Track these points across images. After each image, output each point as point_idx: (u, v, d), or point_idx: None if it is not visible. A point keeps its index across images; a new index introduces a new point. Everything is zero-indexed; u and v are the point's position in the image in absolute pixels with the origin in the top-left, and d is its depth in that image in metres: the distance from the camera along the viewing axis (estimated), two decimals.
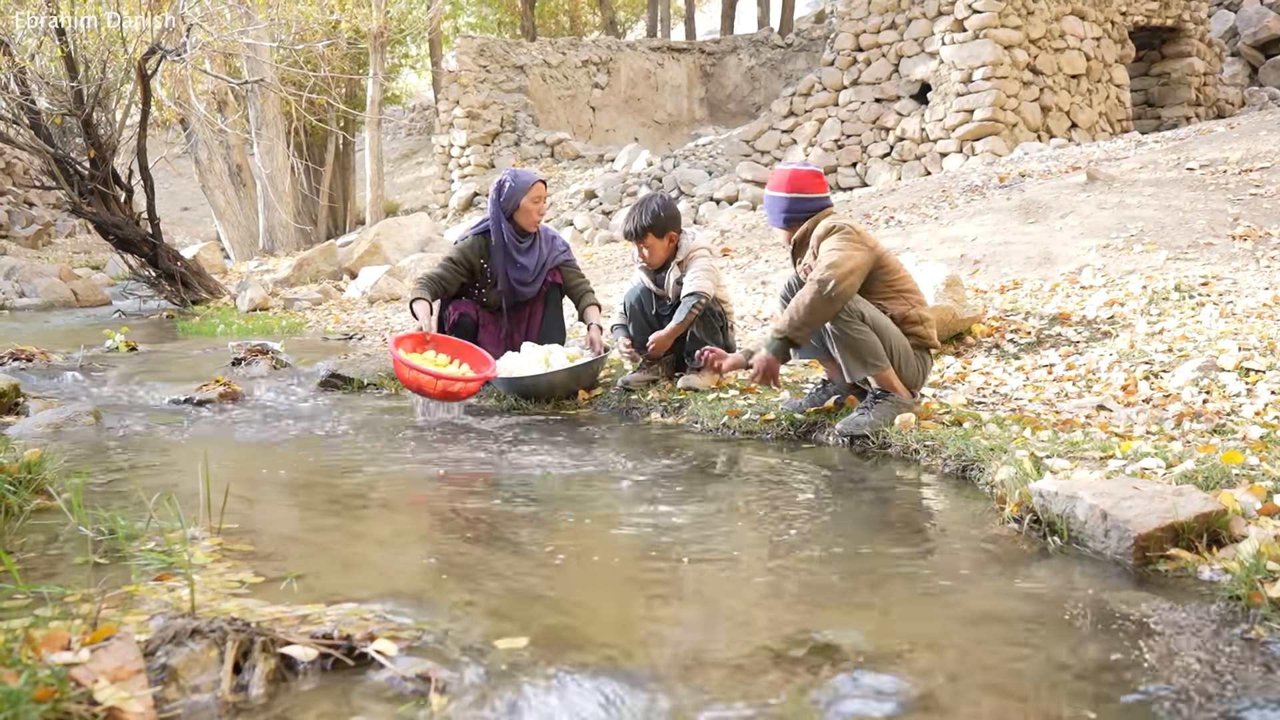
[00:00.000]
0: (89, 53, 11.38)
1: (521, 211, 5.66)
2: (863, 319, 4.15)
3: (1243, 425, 3.79)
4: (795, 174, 4.40)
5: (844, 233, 4.20)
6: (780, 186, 4.43)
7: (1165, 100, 17.07)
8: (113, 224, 11.39)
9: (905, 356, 4.28)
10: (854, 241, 4.17)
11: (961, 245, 8.18)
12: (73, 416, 4.88)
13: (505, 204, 5.68)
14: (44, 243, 23.01)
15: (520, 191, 5.64)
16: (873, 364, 4.18)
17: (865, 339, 4.14)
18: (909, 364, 4.31)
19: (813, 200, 4.40)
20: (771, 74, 23.51)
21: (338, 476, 3.87)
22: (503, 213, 5.69)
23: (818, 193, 4.41)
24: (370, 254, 14.03)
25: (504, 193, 5.68)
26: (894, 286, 4.33)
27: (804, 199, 4.39)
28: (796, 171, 4.41)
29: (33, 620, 2.00)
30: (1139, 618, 2.28)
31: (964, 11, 13.97)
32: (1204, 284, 6.25)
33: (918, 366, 4.36)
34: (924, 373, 4.42)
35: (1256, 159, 9.58)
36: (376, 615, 2.23)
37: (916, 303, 4.36)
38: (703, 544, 2.93)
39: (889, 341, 4.22)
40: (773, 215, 4.50)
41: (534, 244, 5.79)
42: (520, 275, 5.74)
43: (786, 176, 4.42)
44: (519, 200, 5.65)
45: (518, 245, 5.72)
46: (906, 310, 4.32)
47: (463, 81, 20.44)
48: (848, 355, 4.19)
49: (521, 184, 5.65)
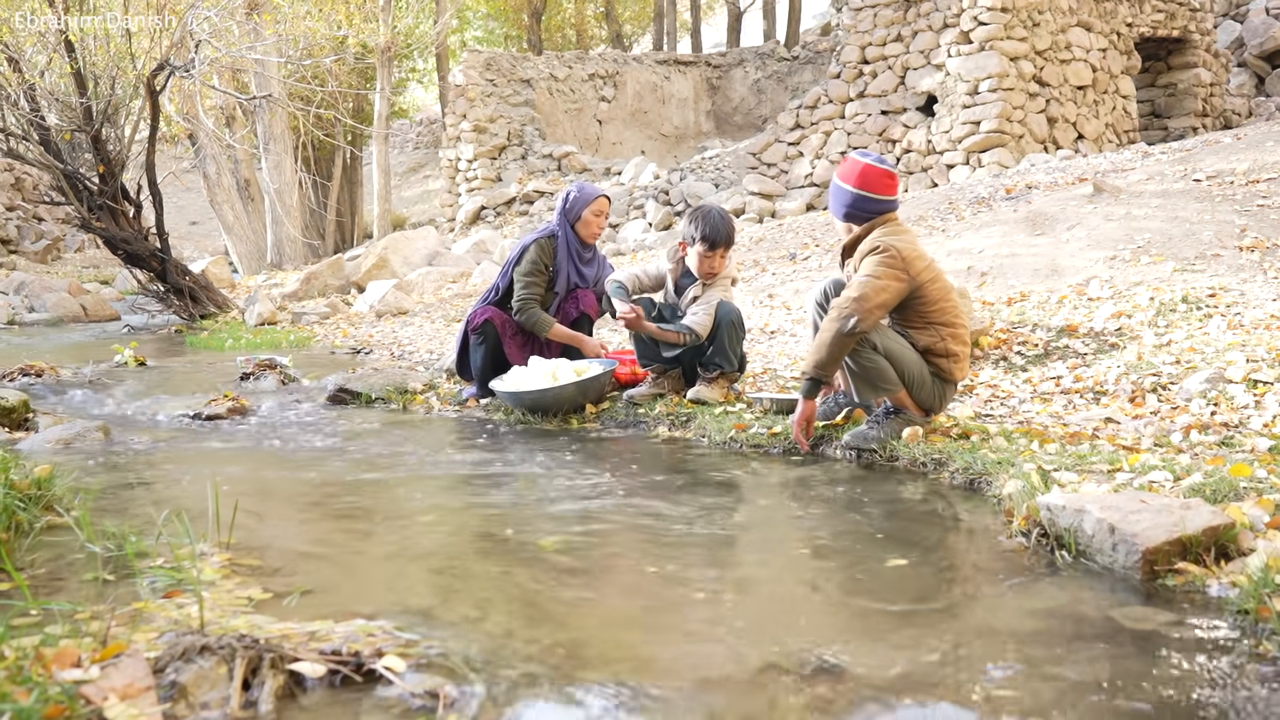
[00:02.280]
0: (98, 69, 11.44)
1: (583, 223, 5.78)
2: (874, 348, 4.08)
3: (1251, 437, 3.79)
4: (868, 170, 4.20)
5: (888, 256, 4.06)
6: (849, 179, 4.24)
7: (1172, 111, 17.06)
8: (121, 239, 11.44)
9: (921, 383, 4.19)
10: (894, 270, 4.05)
11: (969, 257, 8.18)
12: (82, 432, 4.90)
13: (569, 213, 5.81)
14: (53, 258, 23.11)
15: (583, 203, 5.76)
16: (883, 388, 4.16)
17: (875, 366, 4.11)
18: (924, 389, 4.21)
19: (880, 202, 4.21)
20: (778, 87, 23.56)
21: (345, 491, 3.88)
22: (566, 220, 5.82)
23: (886, 195, 4.21)
24: (378, 268, 14.06)
25: (568, 202, 5.81)
26: (926, 318, 4.19)
27: (871, 199, 4.20)
28: (870, 167, 4.20)
29: (43, 638, 2.01)
30: (1147, 633, 2.28)
31: (970, 24, 13.99)
32: (1211, 295, 6.24)
33: (934, 392, 4.25)
34: (942, 399, 4.30)
35: (1263, 170, 9.57)
36: (385, 631, 2.23)
37: (949, 336, 4.20)
38: (710, 560, 2.93)
39: (904, 370, 4.15)
40: (836, 205, 4.32)
41: (594, 258, 5.96)
42: (579, 281, 5.88)
43: (859, 170, 4.22)
44: (581, 211, 5.76)
45: (581, 255, 5.87)
46: (934, 343, 4.19)
47: (469, 95, 20.50)
48: (858, 380, 4.17)
49: (586, 196, 5.78)
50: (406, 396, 6.11)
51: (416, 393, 6.18)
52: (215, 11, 12.21)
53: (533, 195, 19.34)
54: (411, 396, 6.12)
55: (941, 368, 4.21)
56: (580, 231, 5.79)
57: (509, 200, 19.70)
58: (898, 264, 4.06)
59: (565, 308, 5.86)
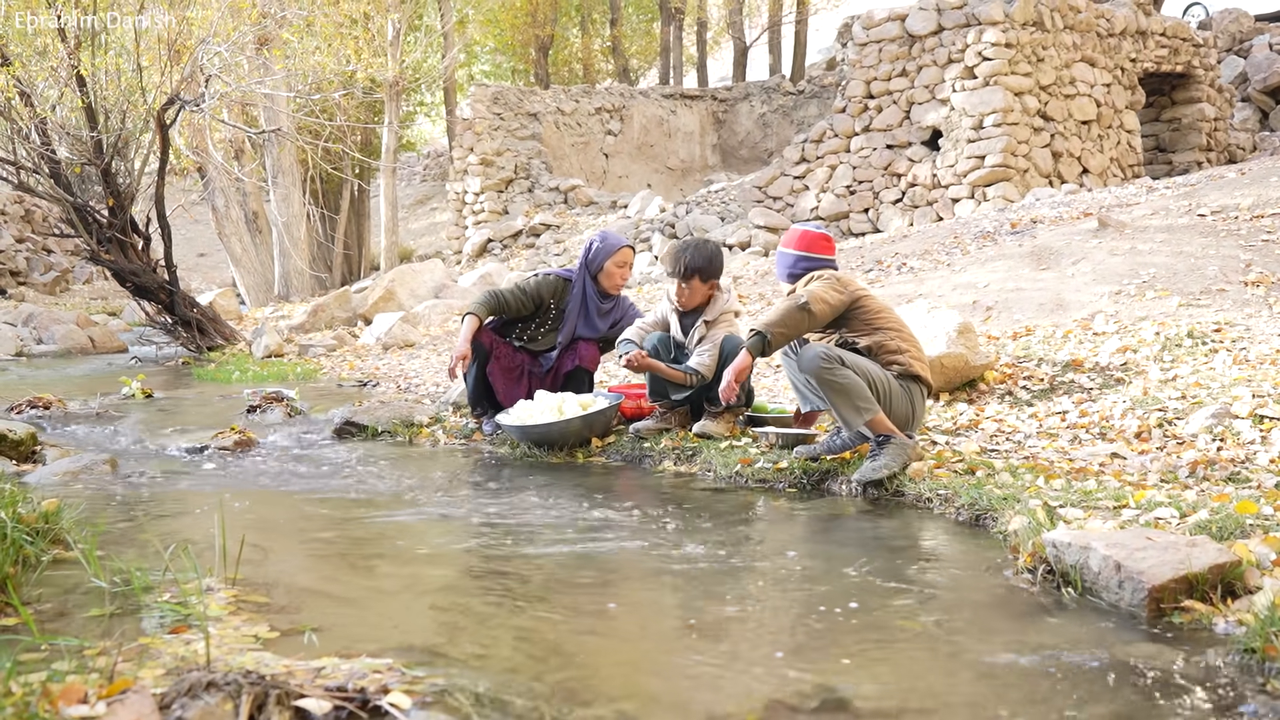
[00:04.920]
0: (109, 103, 11.53)
1: (605, 274, 5.76)
2: (842, 362, 4.25)
3: (1257, 473, 3.78)
4: (806, 234, 4.75)
5: (827, 278, 4.52)
6: (792, 244, 4.76)
7: (1176, 146, 17.11)
8: (130, 271, 11.49)
9: (889, 391, 4.36)
10: (833, 285, 4.47)
11: (974, 291, 8.20)
12: (89, 465, 4.91)
13: (590, 265, 5.78)
14: (61, 289, 23.20)
15: (606, 254, 5.73)
16: (864, 408, 4.23)
17: (850, 382, 4.22)
18: (896, 399, 4.37)
19: (818, 260, 4.70)
20: (783, 121, 23.68)
21: (351, 525, 3.88)
22: (588, 272, 5.79)
23: (825, 254, 4.73)
24: (385, 300, 14.10)
25: (590, 253, 5.79)
26: (871, 324, 4.51)
27: (811, 258, 4.70)
28: (808, 232, 4.75)
29: (50, 673, 2.02)
30: (1154, 671, 2.27)
31: (974, 59, 14.07)
32: (1217, 330, 6.24)
33: (906, 400, 4.41)
34: (915, 409, 4.46)
35: (1268, 205, 9.59)
36: (390, 667, 2.23)
37: (896, 336, 4.51)
38: (715, 595, 2.93)
39: (872, 380, 4.31)
40: (780, 269, 4.81)
41: (613, 308, 5.89)
42: (588, 333, 5.83)
43: (798, 234, 4.76)
44: (603, 262, 5.73)
45: (599, 306, 5.82)
46: (883, 340, 4.47)
47: (477, 129, 20.62)
48: (839, 401, 4.24)
49: (609, 247, 5.75)
50: (413, 430, 6.12)
51: (423, 426, 6.19)
52: (225, 47, 12.32)
53: (539, 228, 19.41)
54: (418, 430, 6.13)
55: (900, 363, 4.45)
56: (603, 282, 5.77)
57: (516, 233, 19.77)
58: (835, 283, 4.49)
59: (563, 358, 5.84)
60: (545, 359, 5.91)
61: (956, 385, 5.77)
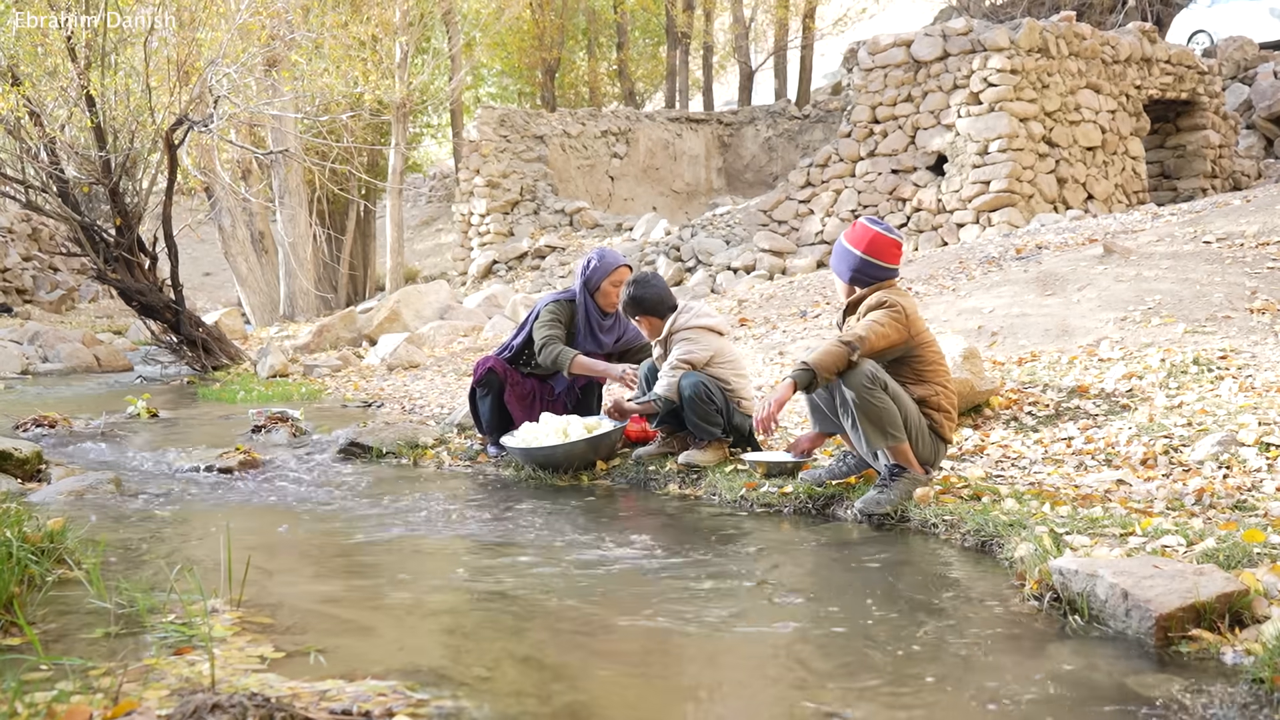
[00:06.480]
0: (118, 123, 11.59)
1: (602, 293, 5.77)
2: (885, 387, 4.15)
3: (1264, 501, 3.77)
4: (877, 237, 4.36)
5: (894, 310, 4.22)
6: (858, 244, 4.39)
7: (1181, 172, 17.14)
8: (136, 290, 11.52)
9: (921, 433, 4.28)
10: (898, 323, 4.21)
11: (979, 317, 8.20)
12: (94, 484, 4.91)
13: (588, 283, 5.79)
14: (67, 307, 23.26)
15: (603, 274, 5.74)
16: (891, 434, 4.17)
17: (886, 408, 4.14)
18: (924, 442, 4.30)
19: (884, 269, 4.37)
20: (789, 145, 23.73)
21: (356, 547, 3.88)
22: (586, 290, 5.81)
23: (891, 263, 4.39)
24: (390, 321, 14.12)
25: (588, 271, 5.80)
26: (922, 375, 4.34)
27: (876, 265, 4.36)
28: (880, 235, 4.36)
29: (55, 694, 2.01)
30: (1161, 700, 2.26)
31: (979, 85, 14.11)
32: (1223, 357, 6.24)
33: (931, 448, 4.35)
34: (937, 456, 4.41)
35: (1273, 232, 9.59)
36: (395, 690, 2.23)
37: (943, 394, 4.35)
38: (720, 620, 2.92)
39: (907, 417, 4.23)
40: (839, 266, 4.48)
41: (614, 324, 5.91)
42: (594, 349, 5.83)
43: (869, 237, 4.37)
44: (600, 282, 5.75)
45: (600, 323, 5.84)
46: (930, 395, 4.33)
47: (483, 151, 20.69)
48: (867, 423, 4.16)
49: (606, 266, 5.76)
50: (417, 451, 6.12)
51: (428, 447, 6.19)
52: (234, 68, 12.38)
53: (545, 250, 19.46)
54: (422, 451, 6.13)
55: (936, 421, 4.34)
56: (600, 301, 5.79)
57: (521, 255, 19.81)
58: (901, 319, 4.23)
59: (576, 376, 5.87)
60: (558, 380, 5.92)
61: (962, 410, 5.76)
